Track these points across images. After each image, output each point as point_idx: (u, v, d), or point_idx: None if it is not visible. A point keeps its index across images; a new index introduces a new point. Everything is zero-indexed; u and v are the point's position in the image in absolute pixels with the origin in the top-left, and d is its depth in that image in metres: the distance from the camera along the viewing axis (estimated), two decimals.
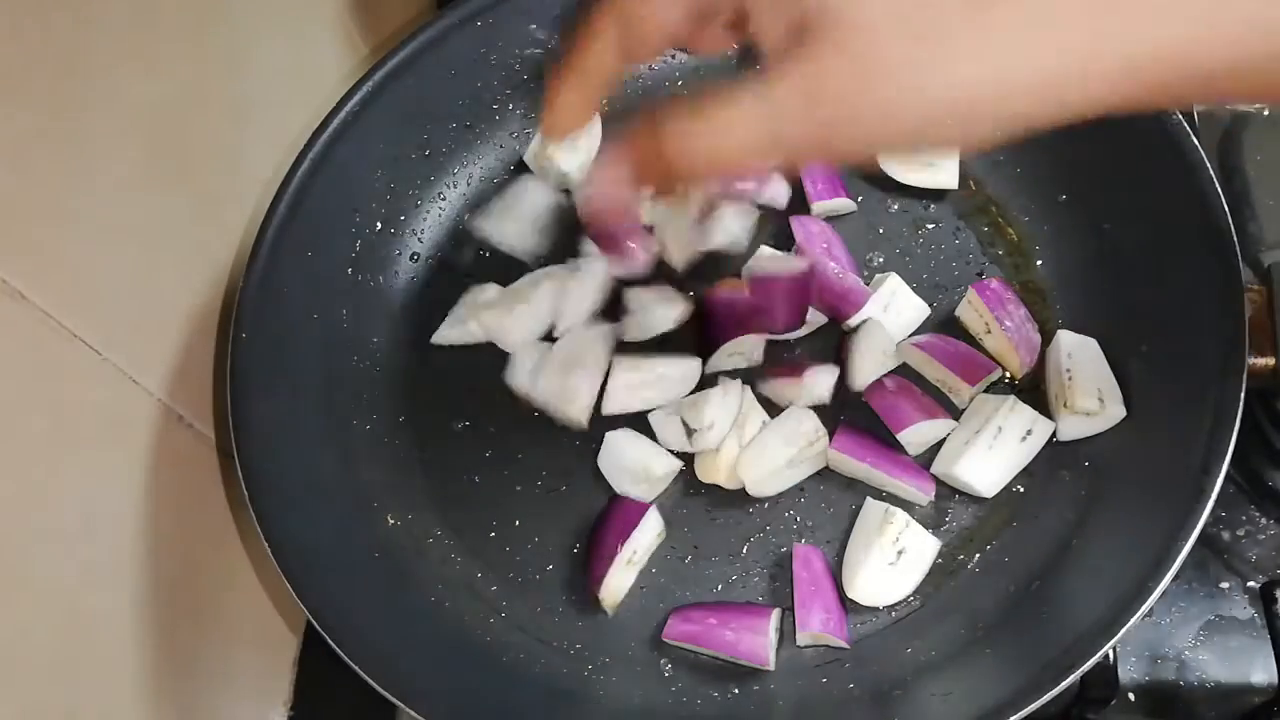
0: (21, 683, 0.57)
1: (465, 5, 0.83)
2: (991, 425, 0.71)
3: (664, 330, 0.77)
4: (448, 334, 0.81)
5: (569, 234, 0.82)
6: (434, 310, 0.82)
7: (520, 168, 0.88)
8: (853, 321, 0.76)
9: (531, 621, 0.72)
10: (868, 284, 0.78)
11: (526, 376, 0.76)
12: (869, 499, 0.72)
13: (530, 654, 0.71)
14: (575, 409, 0.75)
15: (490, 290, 0.82)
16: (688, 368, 0.76)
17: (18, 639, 0.57)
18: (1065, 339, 0.73)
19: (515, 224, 0.84)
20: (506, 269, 0.83)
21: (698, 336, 0.77)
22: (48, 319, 0.60)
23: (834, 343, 0.77)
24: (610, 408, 0.75)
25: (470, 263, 0.84)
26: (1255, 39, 0.39)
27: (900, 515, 0.70)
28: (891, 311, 0.77)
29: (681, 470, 0.75)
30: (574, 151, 0.83)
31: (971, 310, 0.76)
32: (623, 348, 0.77)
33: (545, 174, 0.85)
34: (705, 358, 0.76)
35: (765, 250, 0.80)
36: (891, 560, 0.69)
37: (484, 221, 0.84)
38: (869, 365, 0.74)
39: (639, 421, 0.76)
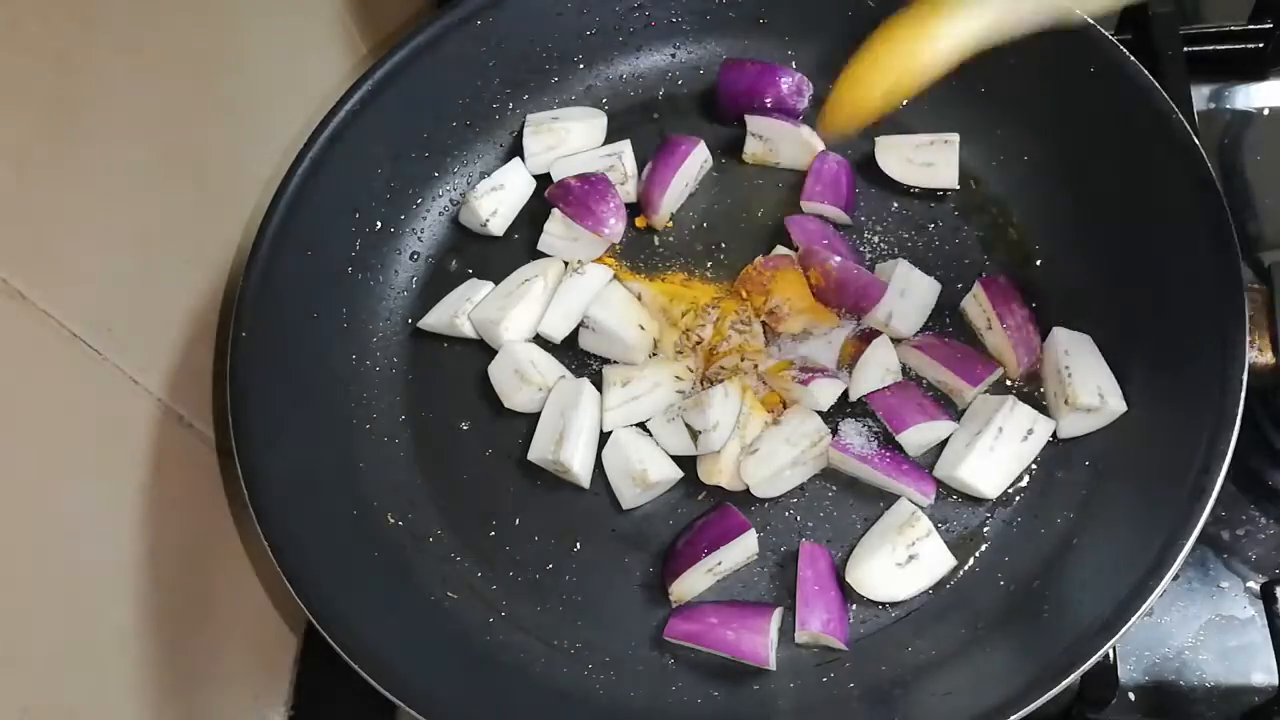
0: (21, 683, 0.57)
1: (465, 5, 0.83)
2: (992, 426, 0.70)
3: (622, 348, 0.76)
4: (434, 321, 0.81)
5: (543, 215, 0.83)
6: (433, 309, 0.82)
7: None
8: (878, 315, 0.76)
9: (531, 621, 0.72)
10: None
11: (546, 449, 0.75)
12: (902, 499, 0.72)
13: (530, 654, 0.71)
14: (576, 469, 0.74)
15: (483, 288, 0.82)
16: (679, 368, 0.76)
17: (18, 639, 0.57)
18: (1060, 336, 0.73)
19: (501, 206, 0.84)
20: (500, 265, 0.83)
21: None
22: (48, 319, 0.60)
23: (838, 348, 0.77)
24: (610, 424, 0.75)
25: (465, 260, 0.85)
26: None
27: (925, 523, 0.69)
28: (908, 296, 0.77)
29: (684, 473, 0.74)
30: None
31: (975, 304, 0.76)
32: (605, 359, 0.78)
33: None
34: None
35: (780, 249, 0.80)
36: (900, 561, 0.69)
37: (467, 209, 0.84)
38: (869, 378, 0.74)
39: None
